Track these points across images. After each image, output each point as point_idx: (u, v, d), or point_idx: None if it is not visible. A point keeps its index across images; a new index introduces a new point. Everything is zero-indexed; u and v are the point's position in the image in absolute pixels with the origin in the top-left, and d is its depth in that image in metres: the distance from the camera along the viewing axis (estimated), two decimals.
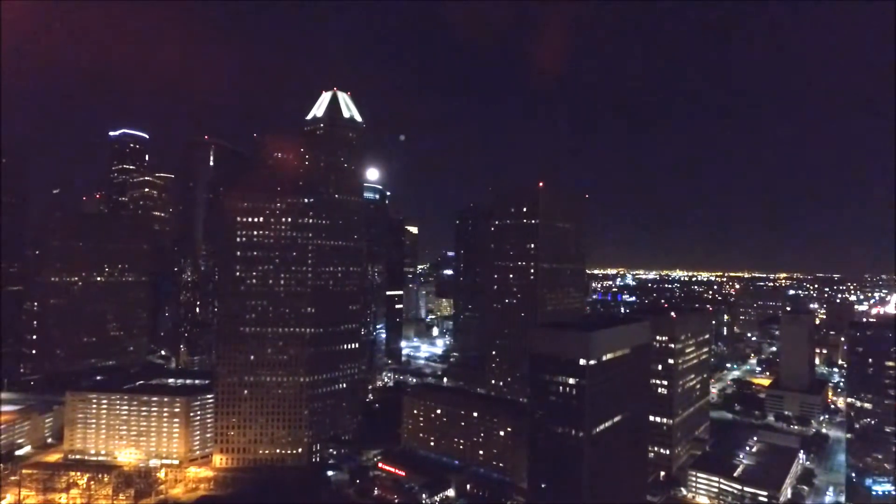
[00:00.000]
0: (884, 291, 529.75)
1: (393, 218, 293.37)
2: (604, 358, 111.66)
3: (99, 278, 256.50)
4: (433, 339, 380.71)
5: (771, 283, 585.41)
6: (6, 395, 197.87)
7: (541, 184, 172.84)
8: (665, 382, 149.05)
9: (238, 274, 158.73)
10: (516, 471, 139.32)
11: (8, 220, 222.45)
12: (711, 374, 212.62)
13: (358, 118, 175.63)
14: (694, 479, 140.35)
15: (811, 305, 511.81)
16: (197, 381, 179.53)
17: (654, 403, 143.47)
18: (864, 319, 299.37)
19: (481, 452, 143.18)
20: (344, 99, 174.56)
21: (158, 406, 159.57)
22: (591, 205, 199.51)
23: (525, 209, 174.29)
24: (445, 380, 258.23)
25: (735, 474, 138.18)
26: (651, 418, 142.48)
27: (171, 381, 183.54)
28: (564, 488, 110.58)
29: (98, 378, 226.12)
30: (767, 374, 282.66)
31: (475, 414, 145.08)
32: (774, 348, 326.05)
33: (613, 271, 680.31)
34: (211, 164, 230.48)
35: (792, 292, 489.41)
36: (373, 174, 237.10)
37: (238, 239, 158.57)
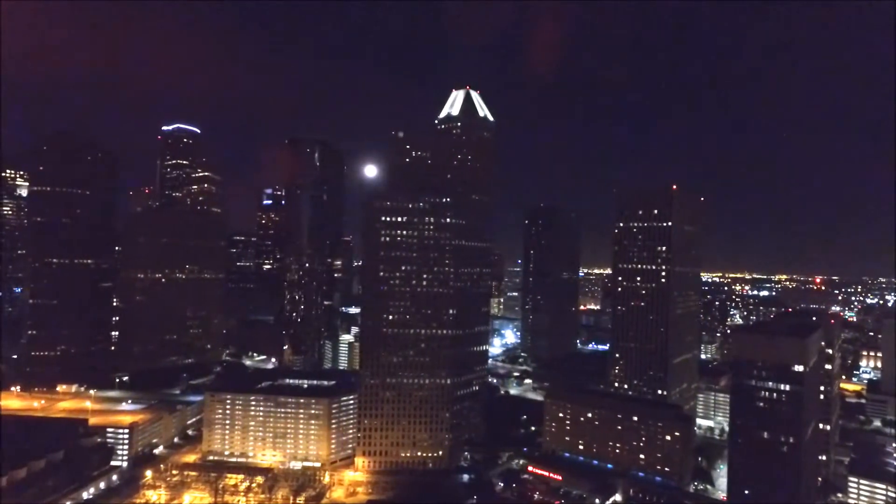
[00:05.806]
0: (892, 294, 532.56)
1: None
2: (810, 364, 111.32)
3: (180, 275, 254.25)
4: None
5: (778, 285, 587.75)
6: (113, 393, 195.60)
7: (674, 186, 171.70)
8: (823, 388, 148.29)
9: (382, 274, 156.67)
10: (682, 475, 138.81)
11: (99, 217, 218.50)
12: None
13: (490, 117, 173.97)
14: (855, 484, 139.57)
15: (833, 308, 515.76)
16: (315, 382, 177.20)
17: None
18: None
19: (642, 456, 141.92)
20: (476, 98, 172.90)
21: (296, 407, 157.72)
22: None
23: (656, 211, 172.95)
24: (529, 381, 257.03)
25: None
26: None
27: (290, 381, 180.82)
28: (774, 494, 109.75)
29: (184, 375, 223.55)
30: (843, 377, 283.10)
31: (635, 417, 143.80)
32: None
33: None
34: (316, 162, 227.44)
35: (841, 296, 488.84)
36: None
37: (382, 239, 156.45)
